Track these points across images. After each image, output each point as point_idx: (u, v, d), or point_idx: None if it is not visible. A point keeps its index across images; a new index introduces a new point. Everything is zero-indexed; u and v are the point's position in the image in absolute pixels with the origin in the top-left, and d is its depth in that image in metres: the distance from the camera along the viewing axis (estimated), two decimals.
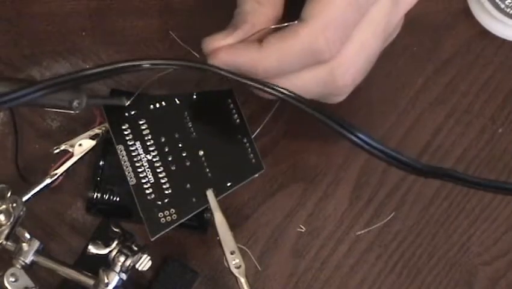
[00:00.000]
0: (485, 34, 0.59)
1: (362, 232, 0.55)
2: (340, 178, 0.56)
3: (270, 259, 0.54)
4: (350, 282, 0.54)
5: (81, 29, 0.57)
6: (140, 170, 0.50)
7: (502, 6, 0.58)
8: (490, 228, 0.56)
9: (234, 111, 0.52)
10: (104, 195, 0.52)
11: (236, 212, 0.54)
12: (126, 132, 0.50)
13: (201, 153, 0.51)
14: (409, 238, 0.55)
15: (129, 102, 0.51)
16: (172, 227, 0.50)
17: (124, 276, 0.48)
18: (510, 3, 0.58)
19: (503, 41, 0.59)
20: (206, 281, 0.53)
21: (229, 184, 0.51)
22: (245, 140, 0.52)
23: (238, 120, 0.52)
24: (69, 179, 0.53)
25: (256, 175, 0.52)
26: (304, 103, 0.45)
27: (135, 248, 0.49)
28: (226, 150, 0.52)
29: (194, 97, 0.52)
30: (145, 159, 0.50)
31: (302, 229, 0.55)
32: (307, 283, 0.54)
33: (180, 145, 0.51)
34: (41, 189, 0.51)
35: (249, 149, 0.52)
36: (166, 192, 0.50)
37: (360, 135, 0.45)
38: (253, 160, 0.52)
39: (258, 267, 0.54)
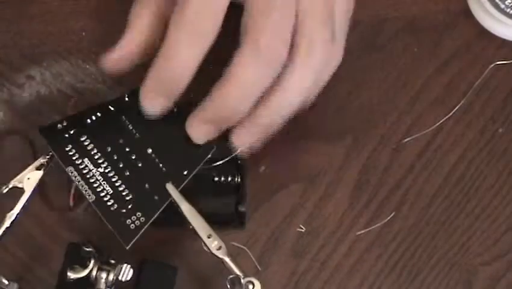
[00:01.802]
0: (485, 34, 0.59)
1: (362, 232, 0.55)
2: (340, 178, 0.56)
3: (270, 259, 0.54)
4: (350, 282, 0.54)
5: (81, 29, 0.57)
6: (95, 184, 0.49)
7: (502, 6, 0.58)
8: (490, 228, 0.56)
9: None
10: None
11: None
12: (71, 153, 0.50)
13: (149, 151, 0.50)
14: (409, 238, 0.55)
15: (64, 123, 0.50)
16: (143, 230, 0.49)
17: None
18: (510, 3, 0.58)
19: (503, 41, 0.59)
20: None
21: (185, 172, 0.50)
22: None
23: (175, 109, 0.51)
24: (69, 179, 0.53)
25: (209, 155, 0.51)
26: None
27: (113, 262, 0.49)
28: (172, 140, 0.51)
29: (126, 99, 0.51)
30: (97, 173, 0.50)
31: (302, 229, 0.55)
32: (307, 283, 0.54)
33: (127, 149, 0.50)
34: (3, 233, 0.49)
35: None
36: (127, 198, 0.49)
37: None
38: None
39: (258, 267, 0.54)
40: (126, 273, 0.49)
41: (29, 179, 0.50)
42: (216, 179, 0.53)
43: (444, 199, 0.56)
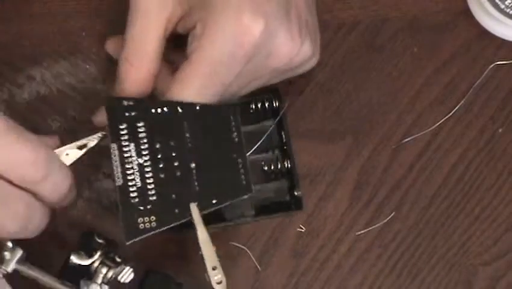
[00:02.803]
0: (485, 34, 0.59)
1: (362, 232, 0.55)
2: (340, 178, 0.56)
3: (270, 259, 0.54)
4: (350, 282, 0.54)
5: (81, 29, 0.57)
6: (128, 172, 0.49)
7: (502, 6, 0.58)
8: (490, 228, 0.56)
9: (234, 128, 0.51)
10: None
11: None
12: (122, 132, 0.49)
13: (193, 165, 0.50)
14: (409, 238, 0.55)
15: (131, 102, 0.50)
16: (149, 234, 0.48)
17: (106, 288, 0.48)
18: (510, 3, 0.58)
19: (503, 41, 0.59)
20: None
21: (214, 201, 0.49)
22: (240, 160, 0.50)
23: (236, 139, 0.51)
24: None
25: (246, 196, 0.51)
26: None
27: (118, 260, 0.48)
28: (219, 166, 0.50)
29: (197, 108, 0.51)
30: (136, 162, 0.49)
31: (302, 229, 0.55)
32: (307, 283, 0.54)
33: (173, 154, 0.50)
34: None
35: (242, 170, 0.50)
36: (150, 198, 0.49)
37: None
38: (244, 181, 0.50)
39: (258, 267, 0.54)
40: (127, 275, 0.48)
41: (68, 155, 0.49)
42: (266, 168, 0.54)
43: (444, 199, 0.56)
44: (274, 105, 0.54)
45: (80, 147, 0.50)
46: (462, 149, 0.57)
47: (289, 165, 0.53)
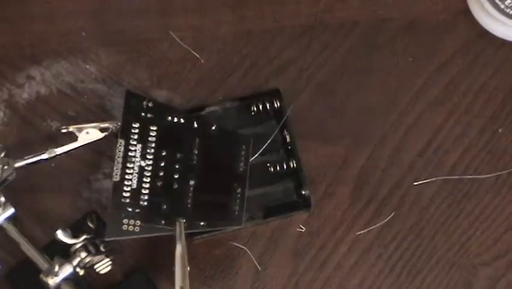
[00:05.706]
0: (485, 34, 0.59)
1: (362, 232, 0.55)
2: (340, 178, 0.56)
3: (270, 259, 0.54)
4: (350, 282, 0.54)
5: (81, 29, 0.57)
6: (128, 171, 0.49)
7: (502, 6, 0.58)
8: (490, 228, 0.56)
9: (243, 159, 0.51)
10: None
11: None
12: (133, 130, 0.50)
13: (192, 182, 0.50)
14: (409, 238, 0.55)
15: (150, 104, 0.50)
16: (130, 238, 0.49)
17: (81, 272, 0.48)
18: (510, 3, 0.58)
19: (503, 41, 0.59)
20: None
21: (202, 224, 0.50)
22: (239, 190, 0.51)
23: (241, 169, 0.51)
24: (69, 179, 0.53)
25: (232, 229, 0.51)
26: None
27: (102, 249, 0.48)
28: (217, 191, 0.51)
29: (213, 128, 0.51)
30: (138, 164, 0.49)
31: (302, 229, 0.55)
32: (307, 283, 0.54)
33: (177, 166, 0.50)
34: (36, 161, 0.50)
35: (238, 201, 0.51)
36: (141, 203, 0.49)
37: None
38: (236, 212, 0.51)
39: (258, 267, 0.54)
40: (103, 266, 0.48)
41: (88, 133, 0.50)
42: (271, 169, 0.53)
43: (444, 199, 0.56)
44: (275, 105, 0.54)
45: (102, 130, 0.50)
46: (462, 149, 0.57)
47: (294, 165, 0.53)
